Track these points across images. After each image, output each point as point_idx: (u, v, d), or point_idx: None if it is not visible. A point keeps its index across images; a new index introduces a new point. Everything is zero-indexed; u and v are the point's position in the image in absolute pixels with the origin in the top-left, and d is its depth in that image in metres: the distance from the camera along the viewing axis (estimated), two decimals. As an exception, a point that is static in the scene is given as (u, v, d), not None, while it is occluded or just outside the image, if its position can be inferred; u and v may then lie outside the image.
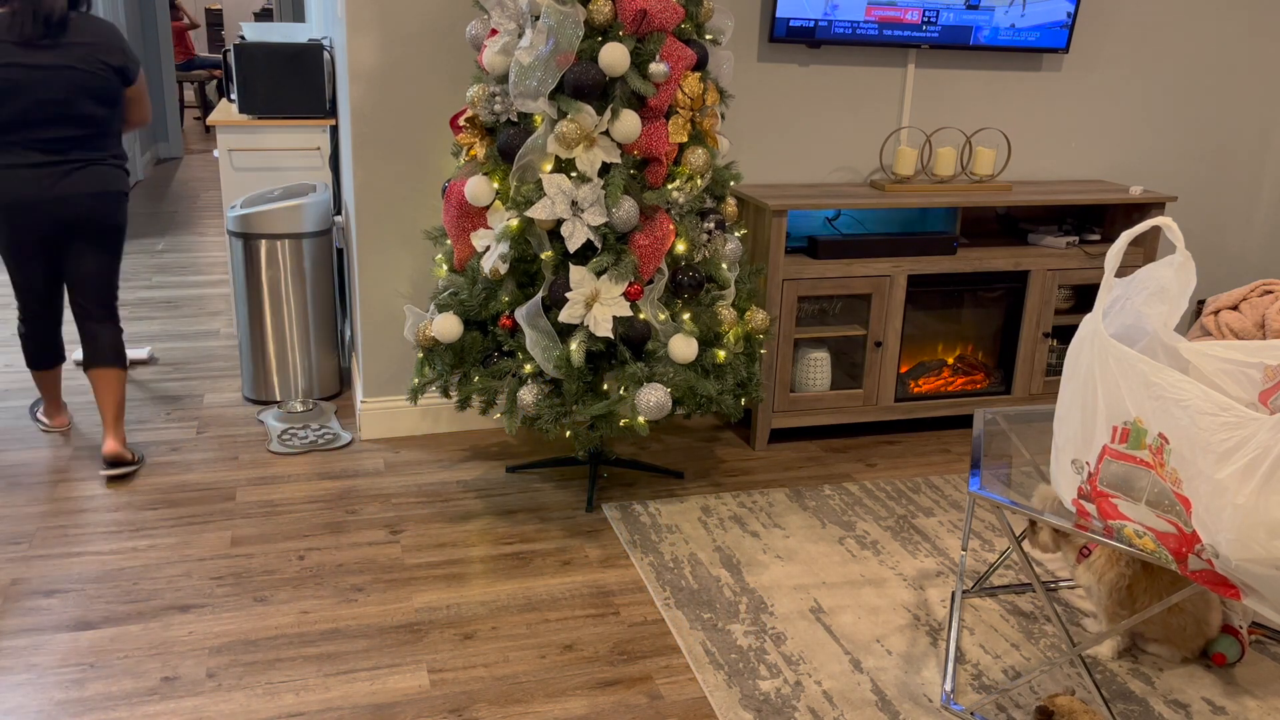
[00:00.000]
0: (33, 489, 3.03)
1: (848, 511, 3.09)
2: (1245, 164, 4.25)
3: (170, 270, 5.43)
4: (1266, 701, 2.29)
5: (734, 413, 2.93)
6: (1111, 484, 1.94)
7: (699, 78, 2.75)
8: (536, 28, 2.61)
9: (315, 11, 5.06)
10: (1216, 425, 1.71)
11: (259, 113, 4.01)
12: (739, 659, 2.37)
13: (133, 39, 7.77)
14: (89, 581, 2.58)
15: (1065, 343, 3.71)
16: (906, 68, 3.67)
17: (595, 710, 2.19)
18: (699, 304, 2.87)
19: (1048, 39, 3.68)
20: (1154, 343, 2.11)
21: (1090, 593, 2.36)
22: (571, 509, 3.04)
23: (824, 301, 3.52)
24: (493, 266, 2.73)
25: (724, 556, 2.80)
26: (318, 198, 3.65)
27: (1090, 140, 4.00)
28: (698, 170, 2.76)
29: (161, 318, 4.62)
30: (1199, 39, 3.99)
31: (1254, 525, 1.67)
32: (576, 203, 2.65)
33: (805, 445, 3.56)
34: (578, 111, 2.63)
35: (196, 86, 11.05)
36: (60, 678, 2.22)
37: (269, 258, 3.55)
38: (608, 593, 2.63)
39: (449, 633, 2.44)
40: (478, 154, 2.83)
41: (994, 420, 2.55)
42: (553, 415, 2.76)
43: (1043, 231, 3.75)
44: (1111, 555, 2.32)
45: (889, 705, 2.23)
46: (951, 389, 3.68)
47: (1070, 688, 2.31)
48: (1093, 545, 2.33)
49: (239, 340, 3.71)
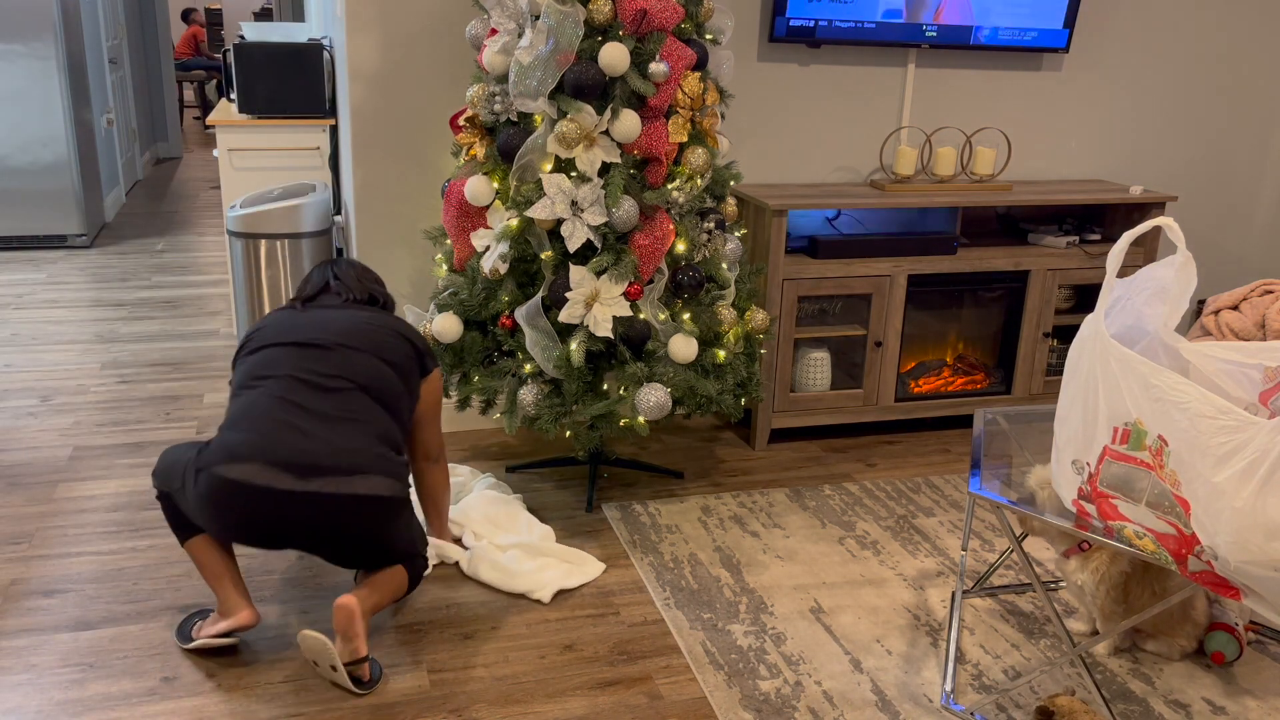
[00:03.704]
0: (33, 489, 3.03)
1: (848, 511, 3.09)
2: (1245, 164, 4.25)
3: (170, 270, 5.43)
4: (1266, 701, 2.29)
5: (734, 413, 2.93)
6: (1112, 485, 1.94)
7: (699, 77, 2.75)
8: (536, 27, 2.61)
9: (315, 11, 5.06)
10: (1215, 428, 1.71)
11: (259, 112, 4.01)
12: (739, 659, 2.37)
13: (133, 38, 7.77)
14: (89, 581, 2.58)
15: (1065, 343, 3.71)
16: (906, 67, 3.67)
17: (595, 710, 2.19)
18: (699, 304, 2.87)
19: (1047, 39, 3.68)
20: (1155, 343, 2.11)
21: (1083, 590, 2.35)
22: (571, 509, 3.04)
23: (824, 301, 3.51)
24: (493, 266, 2.73)
25: (724, 556, 2.80)
26: (317, 198, 3.65)
27: (1090, 140, 4.00)
28: (698, 170, 2.76)
29: (161, 318, 4.62)
30: (1199, 39, 3.99)
31: (1252, 527, 1.67)
32: (576, 202, 2.65)
33: (805, 445, 3.56)
34: (578, 111, 2.63)
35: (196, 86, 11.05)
36: (60, 678, 2.22)
37: (269, 258, 3.55)
38: (608, 593, 2.62)
39: (449, 633, 2.44)
40: (478, 154, 2.83)
41: (994, 420, 2.55)
42: (553, 415, 2.76)
43: (1043, 231, 3.75)
44: (1114, 553, 2.32)
45: (889, 705, 2.23)
46: (951, 389, 3.68)
47: (1070, 688, 2.31)
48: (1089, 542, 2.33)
49: (239, 340, 3.71)
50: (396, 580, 2.34)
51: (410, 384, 2.46)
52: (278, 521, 2.16)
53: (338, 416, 2.25)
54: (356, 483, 2.18)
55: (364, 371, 2.34)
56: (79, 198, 5.68)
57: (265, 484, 2.13)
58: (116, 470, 3.15)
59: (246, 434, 2.19)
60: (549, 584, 2.59)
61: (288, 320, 2.42)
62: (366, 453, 2.22)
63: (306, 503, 2.14)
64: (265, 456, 2.15)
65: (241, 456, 2.15)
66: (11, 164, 5.54)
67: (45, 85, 5.48)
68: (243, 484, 2.13)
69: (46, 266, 5.37)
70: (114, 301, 4.82)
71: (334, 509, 2.16)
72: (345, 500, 2.16)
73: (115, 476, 3.11)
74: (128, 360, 4.08)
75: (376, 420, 2.30)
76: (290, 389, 2.27)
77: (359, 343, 2.37)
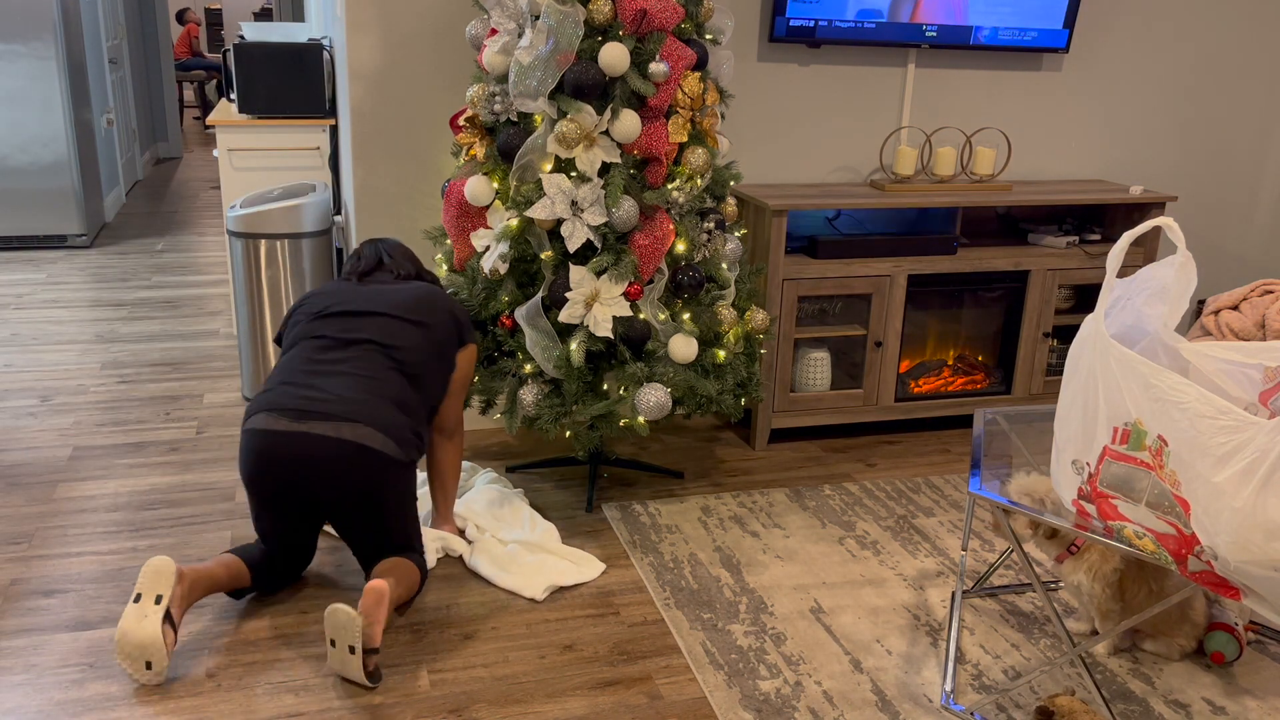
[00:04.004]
0: (33, 489, 3.03)
1: (848, 511, 3.09)
2: (1245, 164, 4.25)
3: (170, 270, 5.43)
4: (1266, 701, 2.29)
5: (734, 413, 2.93)
6: (1112, 485, 1.94)
7: (699, 77, 2.75)
8: (536, 27, 2.61)
9: (315, 11, 5.06)
10: (1215, 428, 1.71)
11: (259, 113, 4.01)
12: (739, 659, 2.37)
13: (133, 38, 7.77)
14: (89, 581, 2.58)
15: (1065, 343, 3.71)
16: (906, 68, 3.67)
17: (595, 710, 2.19)
18: (699, 304, 2.87)
19: (1047, 39, 3.68)
20: (1154, 343, 2.11)
21: (1080, 589, 2.35)
22: (571, 509, 3.04)
23: (824, 301, 3.51)
24: (492, 266, 2.73)
25: (724, 556, 2.80)
26: (317, 198, 3.65)
27: (1090, 140, 4.00)
28: (698, 170, 2.76)
29: (161, 318, 4.62)
30: (1199, 39, 3.99)
31: (1252, 528, 1.67)
32: (576, 202, 2.65)
33: (805, 445, 3.56)
34: (578, 111, 2.63)
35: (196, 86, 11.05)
36: (59, 678, 2.22)
37: (269, 258, 3.55)
38: (608, 593, 2.62)
39: (449, 633, 2.44)
40: (478, 154, 2.83)
41: (994, 420, 2.55)
42: (553, 415, 2.76)
43: (1043, 231, 3.75)
44: (1104, 551, 2.32)
45: (889, 705, 2.23)
46: (951, 389, 3.68)
47: (1070, 688, 2.31)
48: (1080, 542, 2.33)
49: (239, 340, 3.71)
50: (412, 574, 2.42)
51: (446, 354, 2.58)
52: (275, 463, 2.30)
53: (348, 372, 2.40)
54: (344, 428, 2.29)
55: (395, 335, 2.48)
56: (79, 198, 5.68)
57: (265, 427, 2.32)
58: (116, 470, 3.15)
59: (266, 391, 2.40)
60: (541, 581, 2.59)
61: (347, 292, 2.59)
62: (365, 404, 2.34)
63: (297, 441, 2.29)
64: (271, 405, 2.34)
65: (256, 408, 2.36)
66: (11, 164, 5.54)
67: (45, 85, 5.48)
68: (252, 431, 2.34)
69: (46, 266, 5.37)
70: (114, 301, 4.82)
71: (322, 451, 2.28)
72: (331, 443, 2.28)
73: (115, 476, 3.11)
74: (128, 360, 4.08)
75: (391, 382, 2.42)
76: (317, 348, 2.46)
77: (404, 312, 2.53)
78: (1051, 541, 2.34)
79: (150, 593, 2.19)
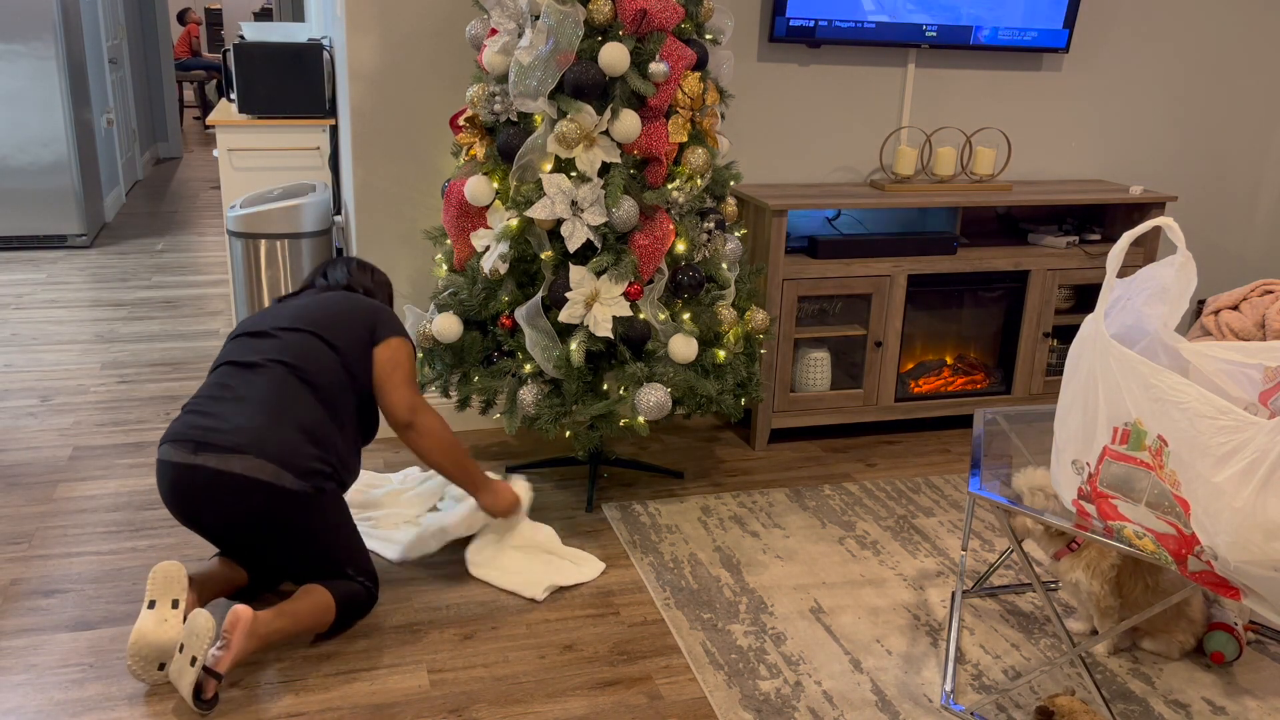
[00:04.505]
0: (33, 489, 3.03)
1: (848, 511, 3.09)
2: (1245, 164, 4.25)
3: (170, 270, 5.43)
4: (1266, 701, 2.29)
5: (734, 413, 2.93)
6: (1112, 485, 1.94)
7: (699, 77, 2.75)
8: (536, 27, 2.61)
9: (315, 11, 5.06)
10: (1215, 429, 1.71)
11: (259, 113, 4.01)
12: (739, 659, 2.37)
13: (133, 38, 7.77)
14: (89, 581, 2.58)
15: (1065, 343, 3.71)
16: (906, 67, 3.67)
17: (595, 710, 2.19)
18: (699, 304, 2.87)
19: (1047, 39, 3.68)
20: (1154, 343, 2.11)
21: (1078, 586, 2.35)
22: (571, 509, 3.04)
23: (824, 301, 3.51)
24: (492, 266, 2.73)
25: (724, 556, 2.80)
26: (317, 198, 3.65)
27: (1090, 140, 4.00)
28: (698, 170, 2.76)
29: (161, 318, 4.62)
30: (1199, 39, 3.99)
31: (1252, 528, 1.67)
32: (576, 202, 2.65)
33: (805, 445, 3.56)
34: (578, 111, 2.63)
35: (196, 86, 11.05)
36: (60, 678, 2.22)
37: (269, 258, 3.55)
38: (608, 593, 2.62)
39: (449, 633, 2.44)
40: (478, 154, 2.83)
41: (994, 420, 2.55)
42: (553, 415, 2.76)
43: (1043, 231, 3.75)
44: (1100, 548, 2.32)
45: (889, 705, 2.23)
46: (951, 389, 3.68)
47: (1070, 688, 2.31)
48: (1079, 540, 2.33)
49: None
50: (315, 607, 2.28)
51: (354, 364, 2.43)
52: (180, 495, 2.27)
53: (252, 397, 2.31)
54: (233, 461, 2.22)
55: (297, 351, 2.37)
56: (79, 198, 5.68)
57: (166, 458, 2.28)
58: (116, 470, 3.15)
59: (175, 419, 2.35)
60: (542, 581, 2.59)
61: (268, 312, 2.52)
62: (260, 433, 2.25)
63: (194, 473, 2.23)
64: (175, 436, 2.29)
65: (164, 438, 2.32)
66: (11, 164, 5.54)
67: (45, 85, 5.48)
68: (159, 462, 2.31)
69: (46, 266, 5.37)
70: (114, 301, 4.82)
71: (215, 485, 2.23)
72: (223, 477, 2.22)
73: (115, 476, 3.12)
74: (127, 360, 4.08)
75: (300, 404, 2.32)
76: (223, 374, 2.38)
77: (303, 324, 2.42)
78: (1052, 538, 2.34)
79: (165, 598, 2.18)
